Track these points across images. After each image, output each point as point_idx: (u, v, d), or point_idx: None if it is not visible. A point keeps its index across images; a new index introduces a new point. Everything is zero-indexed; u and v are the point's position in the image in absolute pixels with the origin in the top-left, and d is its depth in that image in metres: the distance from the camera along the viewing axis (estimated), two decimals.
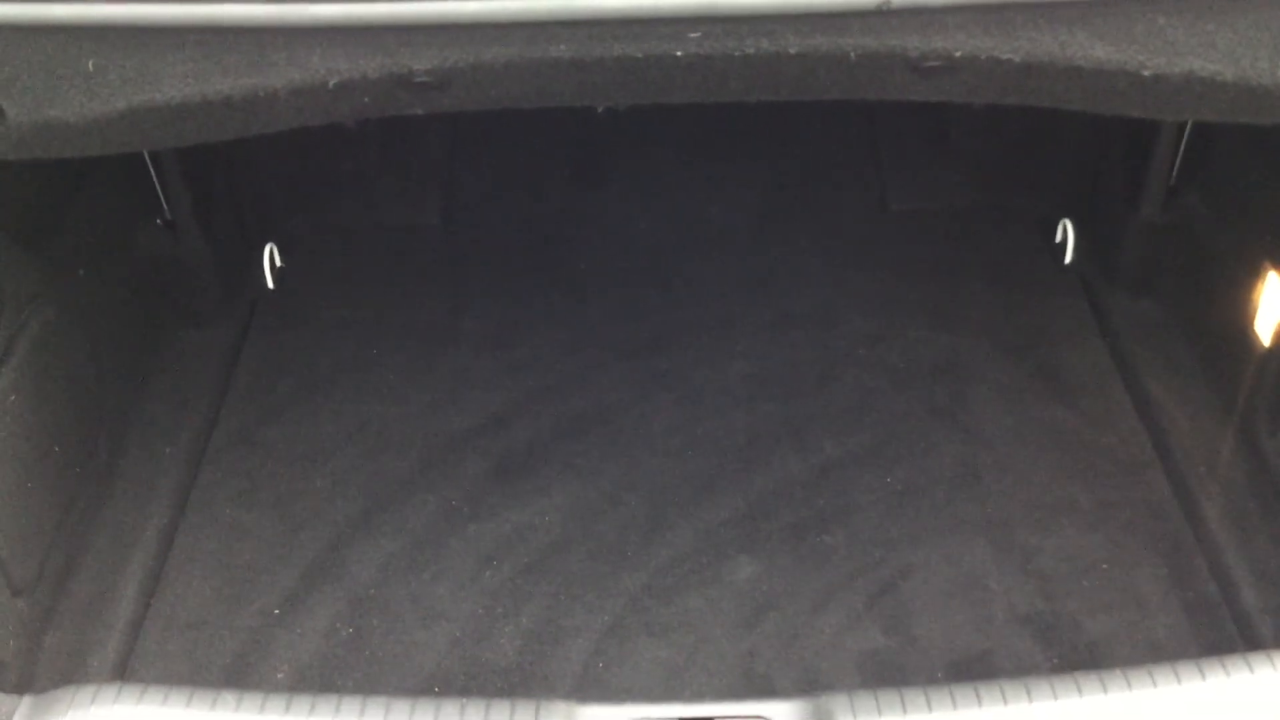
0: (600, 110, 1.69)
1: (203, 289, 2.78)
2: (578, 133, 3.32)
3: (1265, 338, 2.34)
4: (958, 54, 1.49)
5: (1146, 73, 1.54)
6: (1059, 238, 3.00)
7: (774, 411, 2.63)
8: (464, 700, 1.48)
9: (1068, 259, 2.96)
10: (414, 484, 2.49)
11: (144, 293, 2.64)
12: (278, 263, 3.00)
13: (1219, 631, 2.15)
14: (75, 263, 2.33)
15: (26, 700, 1.55)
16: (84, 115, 1.57)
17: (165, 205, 2.67)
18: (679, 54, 1.47)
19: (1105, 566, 2.28)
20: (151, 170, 2.63)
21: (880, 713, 1.44)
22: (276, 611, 2.24)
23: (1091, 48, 1.51)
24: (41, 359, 2.14)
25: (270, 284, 2.96)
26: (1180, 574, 2.25)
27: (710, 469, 2.51)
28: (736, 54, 1.48)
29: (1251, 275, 2.38)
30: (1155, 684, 1.44)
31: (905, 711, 1.44)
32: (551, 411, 2.65)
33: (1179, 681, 1.45)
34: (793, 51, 1.48)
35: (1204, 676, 1.46)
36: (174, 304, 2.75)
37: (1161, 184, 2.66)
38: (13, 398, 2.03)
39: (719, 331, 2.84)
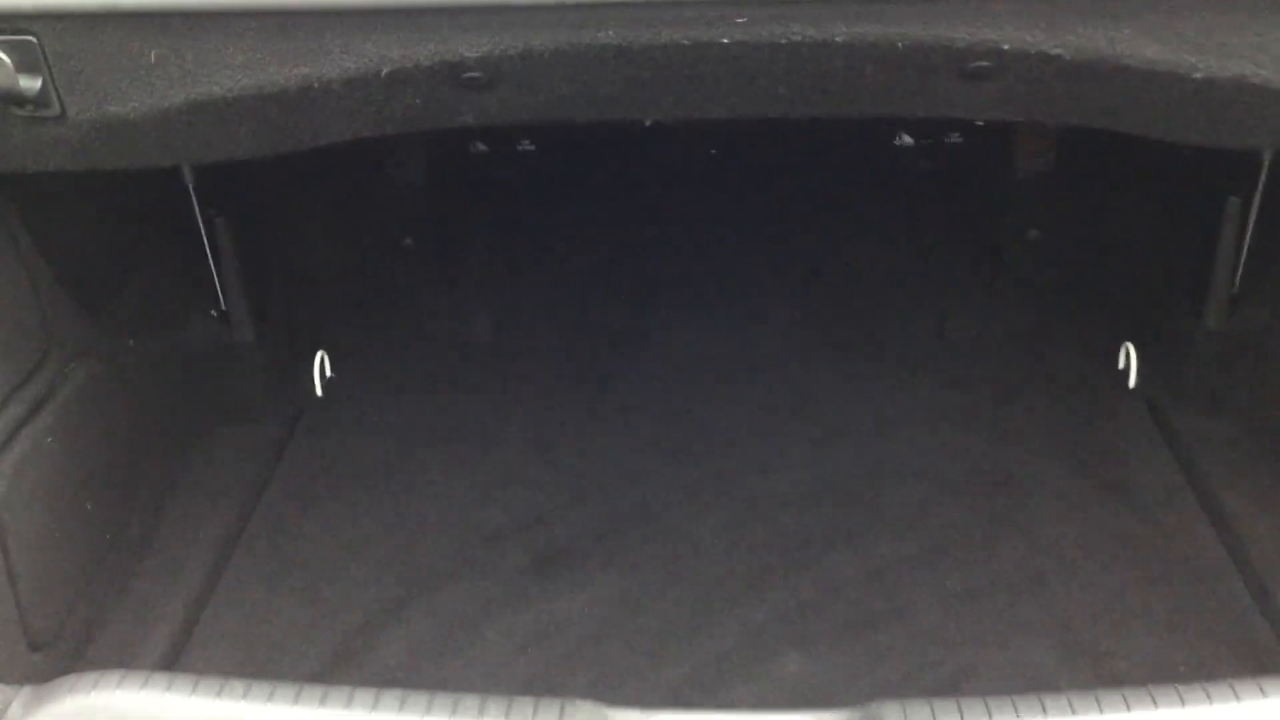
0: (649, 124, 1.69)
1: (251, 386, 2.78)
2: (629, 256, 3.37)
3: None
4: (1005, 47, 1.49)
5: (1197, 75, 1.52)
6: (1121, 364, 2.92)
7: (826, 515, 2.53)
8: (483, 697, 1.37)
9: (1131, 383, 2.88)
10: (450, 574, 2.40)
11: (193, 378, 2.64)
12: (328, 372, 3.00)
13: None
14: (126, 330, 2.34)
15: (27, 689, 1.46)
16: (143, 111, 1.60)
17: (221, 299, 2.71)
18: (725, 40, 1.48)
19: (1183, 669, 2.12)
20: (212, 266, 2.67)
21: None
22: None
23: (1141, 45, 1.50)
24: (82, 410, 2.12)
25: (320, 392, 2.96)
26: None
27: (759, 568, 2.40)
28: (782, 41, 1.48)
29: None
30: (1156, 704, 1.34)
31: None
32: (595, 511, 2.57)
33: (1182, 703, 1.35)
34: (839, 40, 1.48)
35: (1210, 699, 1.36)
36: (222, 397, 2.74)
37: (1225, 292, 2.60)
38: (49, 440, 2.01)
39: (767, 443, 2.77)
